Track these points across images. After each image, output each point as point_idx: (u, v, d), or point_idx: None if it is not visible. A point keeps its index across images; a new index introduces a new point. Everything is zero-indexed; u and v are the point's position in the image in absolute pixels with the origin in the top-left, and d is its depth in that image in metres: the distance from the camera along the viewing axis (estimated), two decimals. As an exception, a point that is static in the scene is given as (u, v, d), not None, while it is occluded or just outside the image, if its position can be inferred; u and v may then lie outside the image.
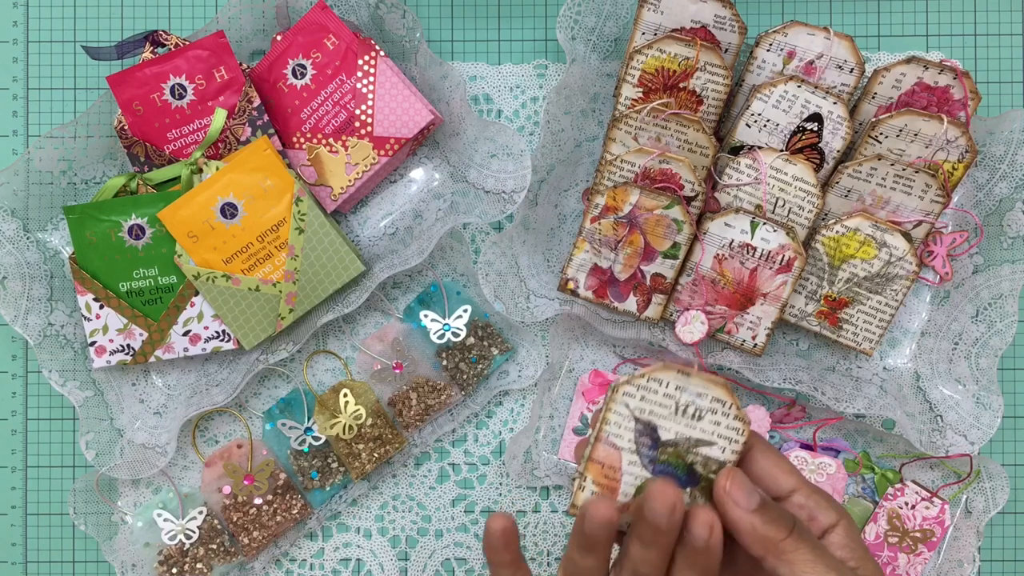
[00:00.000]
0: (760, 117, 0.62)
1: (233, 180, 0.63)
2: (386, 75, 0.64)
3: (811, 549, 0.40)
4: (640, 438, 0.43)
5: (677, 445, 0.43)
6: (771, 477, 0.43)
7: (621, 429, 0.43)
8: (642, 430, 0.43)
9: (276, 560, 0.68)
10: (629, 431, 0.43)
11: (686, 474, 0.43)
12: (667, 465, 0.43)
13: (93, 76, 0.69)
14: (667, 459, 0.43)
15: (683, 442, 0.43)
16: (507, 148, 0.63)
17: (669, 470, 0.43)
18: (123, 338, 0.65)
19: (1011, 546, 0.69)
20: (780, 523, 0.40)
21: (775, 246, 0.62)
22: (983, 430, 0.64)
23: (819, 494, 0.43)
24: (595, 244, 0.64)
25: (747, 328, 0.64)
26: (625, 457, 0.43)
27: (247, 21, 0.65)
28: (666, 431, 0.43)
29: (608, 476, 0.43)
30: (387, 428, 0.67)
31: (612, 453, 0.43)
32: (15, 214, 0.65)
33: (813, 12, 0.69)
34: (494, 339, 0.68)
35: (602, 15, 0.65)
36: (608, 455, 0.43)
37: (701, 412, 0.43)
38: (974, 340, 0.65)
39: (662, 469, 0.43)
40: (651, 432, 0.43)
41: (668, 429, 0.43)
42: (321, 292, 0.64)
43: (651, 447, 0.43)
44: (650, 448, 0.43)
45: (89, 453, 0.64)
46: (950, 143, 0.61)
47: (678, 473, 0.43)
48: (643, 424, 0.43)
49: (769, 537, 0.40)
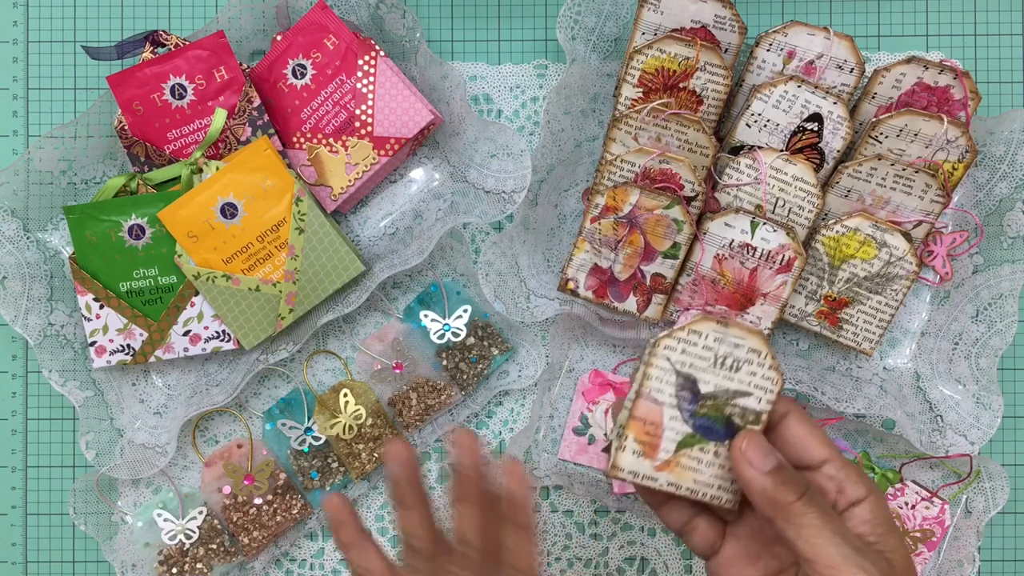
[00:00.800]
0: (760, 117, 0.62)
1: (233, 180, 0.63)
2: (386, 75, 0.64)
3: (820, 515, 0.40)
4: (681, 392, 0.44)
5: (716, 397, 0.43)
6: (803, 446, 0.43)
7: (663, 384, 0.44)
8: (683, 383, 0.44)
9: (276, 560, 0.68)
10: (671, 385, 0.44)
11: (724, 426, 0.44)
12: (706, 418, 0.44)
13: (93, 76, 0.69)
14: (707, 412, 0.44)
15: (722, 394, 0.43)
16: (507, 148, 0.63)
17: (708, 423, 0.44)
18: (123, 338, 0.65)
19: (1011, 546, 0.69)
20: (792, 486, 0.41)
21: (775, 246, 0.62)
22: (983, 430, 0.64)
23: (850, 468, 0.43)
24: (595, 244, 0.64)
25: (747, 328, 0.64)
26: (666, 412, 0.44)
27: (247, 21, 0.65)
28: (705, 383, 0.43)
29: (649, 433, 0.44)
30: (387, 428, 0.67)
31: (654, 409, 0.44)
32: (15, 214, 0.65)
33: (813, 12, 0.69)
34: (494, 339, 0.68)
35: (602, 15, 0.65)
36: (650, 411, 0.44)
37: (739, 363, 0.43)
38: (974, 340, 0.65)
39: (702, 423, 0.44)
40: (691, 385, 0.44)
41: (707, 382, 0.43)
42: (321, 292, 0.64)
43: (691, 401, 0.44)
44: (690, 402, 0.44)
45: (89, 453, 0.64)
46: (950, 143, 0.61)
47: (717, 426, 0.44)
48: (684, 377, 0.43)
49: (779, 499, 0.41)
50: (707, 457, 0.44)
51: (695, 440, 0.44)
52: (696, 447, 0.44)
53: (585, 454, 0.67)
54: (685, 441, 0.44)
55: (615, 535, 0.68)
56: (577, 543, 0.68)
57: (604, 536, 0.68)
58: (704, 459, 0.44)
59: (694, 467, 0.44)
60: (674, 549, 0.68)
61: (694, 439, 0.44)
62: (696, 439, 0.44)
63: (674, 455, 0.44)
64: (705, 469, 0.44)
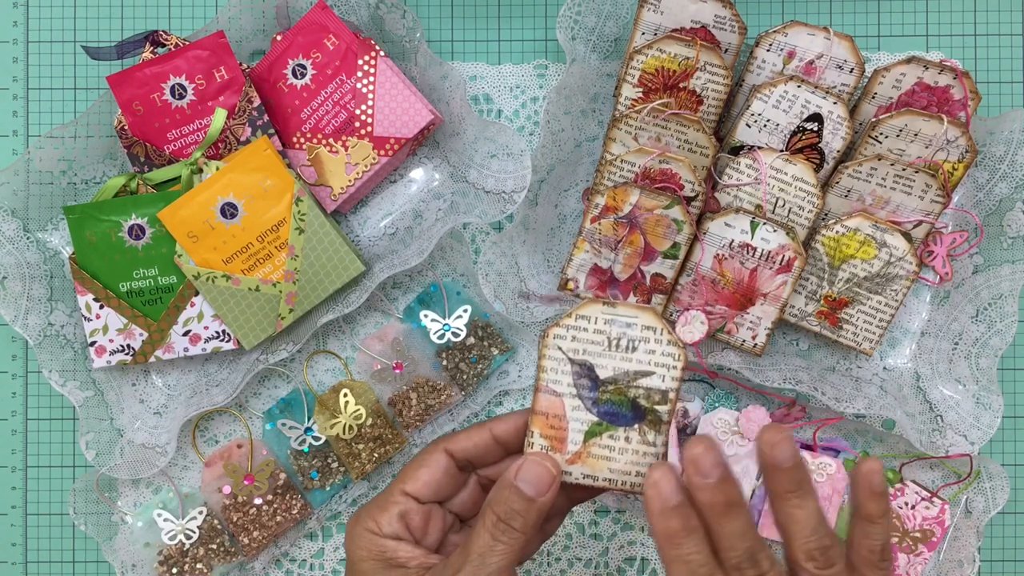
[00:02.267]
0: (760, 117, 0.62)
1: (233, 180, 0.63)
2: (386, 75, 0.64)
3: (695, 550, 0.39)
4: (579, 380, 0.43)
5: (617, 382, 0.42)
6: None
7: (558, 374, 0.42)
8: (579, 371, 0.42)
9: (276, 560, 0.68)
10: (567, 375, 0.42)
11: (630, 410, 0.42)
12: (610, 404, 0.42)
13: (93, 76, 0.69)
14: (609, 397, 0.42)
15: (622, 377, 0.42)
16: (507, 148, 0.63)
17: (613, 409, 0.42)
18: (123, 338, 0.65)
19: (1011, 546, 0.69)
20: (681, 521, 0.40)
21: (775, 246, 0.62)
22: (983, 430, 0.64)
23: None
24: (595, 244, 0.64)
25: (747, 328, 0.64)
26: (568, 403, 0.43)
27: (247, 21, 0.65)
28: (603, 368, 0.42)
29: (554, 426, 0.43)
30: (387, 428, 0.67)
31: (554, 401, 0.43)
32: (15, 214, 0.65)
33: (813, 12, 0.69)
34: (494, 339, 0.68)
35: (602, 15, 0.65)
36: (550, 404, 0.43)
37: (634, 342, 0.42)
38: (974, 340, 0.65)
39: (606, 409, 0.42)
40: (589, 372, 0.42)
41: (605, 366, 0.42)
42: (321, 292, 0.64)
43: (591, 388, 0.42)
44: (590, 389, 0.42)
45: (89, 453, 0.64)
46: (950, 143, 0.61)
47: (622, 410, 0.42)
48: (579, 365, 0.42)
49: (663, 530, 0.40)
50: (618, 444, 0.43)
51: (603, 428, 0.43)
52: (605, 435, 0.43)
53: (585, 454, 0.67)
54: (592, 430, 0.43)
55: (615, 535, 0.68)
56: (577, 543, 0.68)
57: (604, 536, 0.68)
58: (616, 446, 0.43)
59: (607, 455, 0.43)
60: (674, 549, 0.68)
61: (601, 427, 0.43)
62: (604, 427, 0.43)
63: (583, 446, 0.43)
64: (619, 456, 0.43)
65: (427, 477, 0.45)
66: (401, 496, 0.45)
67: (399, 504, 0.45)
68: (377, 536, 0.45)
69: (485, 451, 0.46)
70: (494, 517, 0.42)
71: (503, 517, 0.42)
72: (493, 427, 0.46)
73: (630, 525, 0.68)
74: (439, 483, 0.46)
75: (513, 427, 0.46)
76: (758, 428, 0.66)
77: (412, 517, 0.45)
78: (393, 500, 0.45)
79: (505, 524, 0.42)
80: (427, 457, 0.46)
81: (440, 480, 0.46)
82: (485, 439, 0.46)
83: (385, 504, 0.45)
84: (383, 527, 0.45)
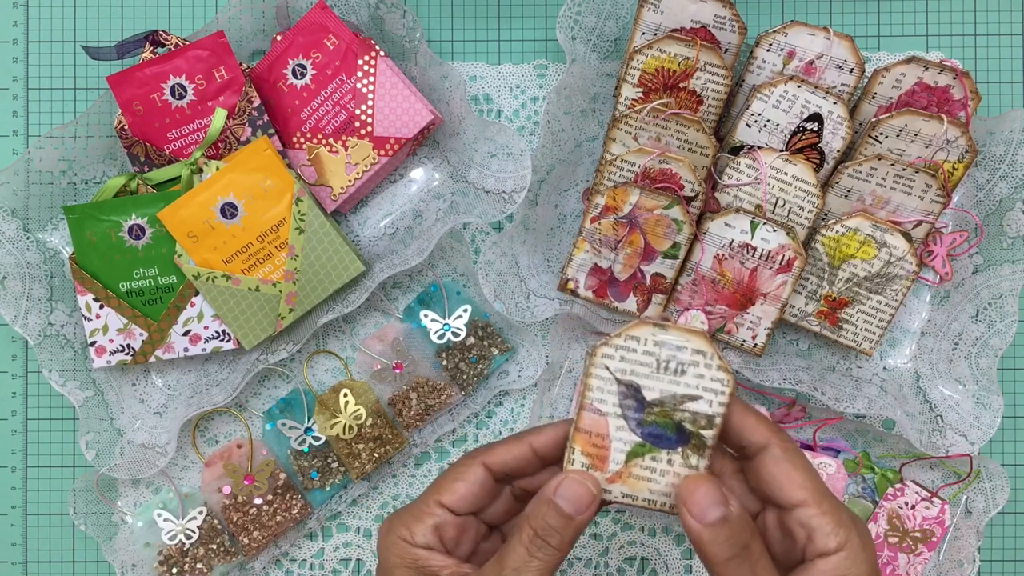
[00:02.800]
0: (760, 117, 0.62)
1: (233, 180, 0.63)
2: (386, 75, 0.64)
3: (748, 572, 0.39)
4: (625, 400, 0.42)
5: (663, 404, 0.42)
6: (777, 485, 0.42)
7: (604, 394, 0.42)
8: (626, 392, 0.42)
9: (276, 560, 0.68)
10: (613, 395, 0.42)
11: (675, 433, 0.42)
12: (655, 426, 0.42)
13: (93, 76, 0.69)
14: (654, 419, 0.42)
15: (669, 400, 0.42)
16: (507, 148, 0.63)
17: (658, 431, 0.42)
18: (123, 338, 0.65)
19: (1011, 546, 0.69)
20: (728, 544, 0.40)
21: (775, 246, 0.62)
22: (983, 430, 0.64)
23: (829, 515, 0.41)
24: (595, 244, 0.64)
25: (747, 328, 0.64)
26: (612, 423, 0.42)
27: (247, 21, 0.65)
28: (650, 390, 0.42)
29: (596, 445, 0.42)
30: (387, 428, 0.67)
31: (598, 420, 0.42)
32: (15, 214, 0.65)
33: (813, 12, 0.69)
34: (494, 339, 0.68)
35: (602, 15, 0.65)
36: (594, 423, 0.42)
37: (683, 366, 0.42)
38: (974, 340, 0.65)
39: (651, 431, 0.42)
40: (635, 393, 0.42)
41: (652, 388, 0.42)
42: (321, 292, 0.64)
43: (637, 409, 0.42)
44: (636, 410, 0.42)
45: (89, 453, 0.64)
46: (950, 143, 0.61)
47: (667, 433, 0.42)
48: (626, 385, 0.42)
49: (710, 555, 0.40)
50: (660, 466, 0.43)
51: (646, 449, 0.42)
52: (647, 456, 0.42)
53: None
54: (635, 451, 0.42)
55: (615, 535, 0.68)
56: (577, 543, 0.68)
57: (604, 536, 0.68)
58: (658, 468, 0.43)
59: (648, 476, 0.43)
60: (674, 549, 0.68)
61: (644, 448, 0.42)
62: (647, 448, 0.42)
63: (625, 466, 0.42)
64: (660, 478, 0.43)
65: (464, 491, 0.45)
66: (437, 508, 0.44)
67: (435, 516, 0.44)
68: (410, 545, 0.44)
69: (525, 464, 0.45)
70: (531, 532, 0.41)
71: (540, 533, 0.41)
72: (532, 440, 0.45)
73: (630, 525, 0.68)
74: (476, 496, 0.45)
75: (552, 440, 0.45)
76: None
77: (447, 529, 0.45)
78: (429, 511, 0.44)
79: (542, 540, 0.41)
80: (464, 470, 0.45)
81: (477, 494, 0.45)
82: (525, 452, 0.45)
83: (420, 514, 0.44)
84: (416, 537, 0.44)
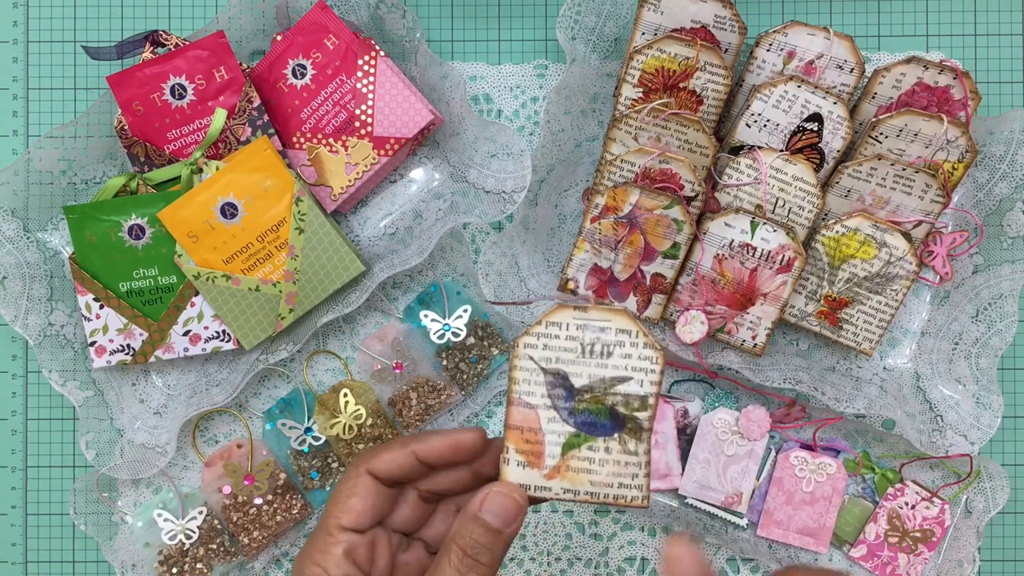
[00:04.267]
0: (760, 117, 0.62)
1: (233, 180, 0.63)
2: (386, 75, 0.64)
3: None
4: (553, 390, 0.41)
5: (593, 389, 0.40)
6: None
7: (531, 385, 0.41)
8: (553, 381, 0.41)
9: (276, 560, 0.68)
10: (540, 385, 0.41)
11: (609, 418, 0.40)
12: (587, 413, 0.41)
13: (93, 76, 0.69)
14: (586, 407, 0.41)
15: (598, 384, 0.40)
16: (507, 148, 0.63)
17: (591, 418, 0.41)
18: (123, 338, 0.65)
19: (1011, 546, 0.69)
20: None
21: (775, 246, 0.62)
22: (983, 430, 0.64)
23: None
24: (595, 244, 0.64)
25: (747, 328, 0.64)
26: (543, 415, 0.41)
27: (247, 21, 0.65)
28: (578, 376, 0.40)
29: (530, 440, 0.41)
30: (387, 428, 0.67)
31: (528, 414, 0.41)
32: (15, 214, 0.65)
33: (813, 12, 0.69)
34: (494, 339, 0.68)
35: (602, 15, 0.65)
36: (524, 417, 0.41)
37: (609, 347, 0.40)
38: (974, 340, 0.65)
39: (583, 419, 0.41)
40: (563, 381, 0.40)
41: (580, 374, 0.40)
42: (321, 292, 0.64)
43: (567, 398, 0.40)
44: (566, 399, 0.40)
45: (89, 453, 0.64)
46: (950, 143, 0.61)
47: (601, 419, 0.41)
48: (552, 374, 0.40)
49: None
50: (598, 455, 0.41)
51: (581, 439, 0.41)
52: (584, 446, 0.41)
53: (585, 454, 0.67)
54: (570, 442, 0.41)
55: (615, 535, 0.68)
56: (577, 543, 0.68)
57: (604, 536, 0.68)
58: (596, 457, 0.41)
59: (587, 468, 0.41)
60: (674, 549, 0.68)
61: (579, 438, 0.41)
62: (582, 438, 0.41)
63: (562, 459, 0.41)
64: (599, 468, 0.41)
65: (360, 506, 0.43)
66: (340, 533, 0.42)
67: (340, 542, 0.42)
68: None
69: (410, 472, 0.44)
70: (460, 553, 0.40)
71: (470, 552, 0.39)
72: (416, 448, 0.43)
73: (630, 525, 0.68)
74: (374, 508, 0.43)
75: (436, 451, 0.43)
76: (758, 428, 0.66)
77: (357, 552, 0.42)
78: (333, 539, 0.42)
79: (472, 560, 0.39)
80: (354, 485, 0.43)
81: (375, 505, 0.43)
82: (409, 461, 0.43)
83: (324, 545, 0.42)
84: (330, 570, 0.42)
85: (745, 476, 0.66)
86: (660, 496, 0.68)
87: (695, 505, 0.67)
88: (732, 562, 0.68)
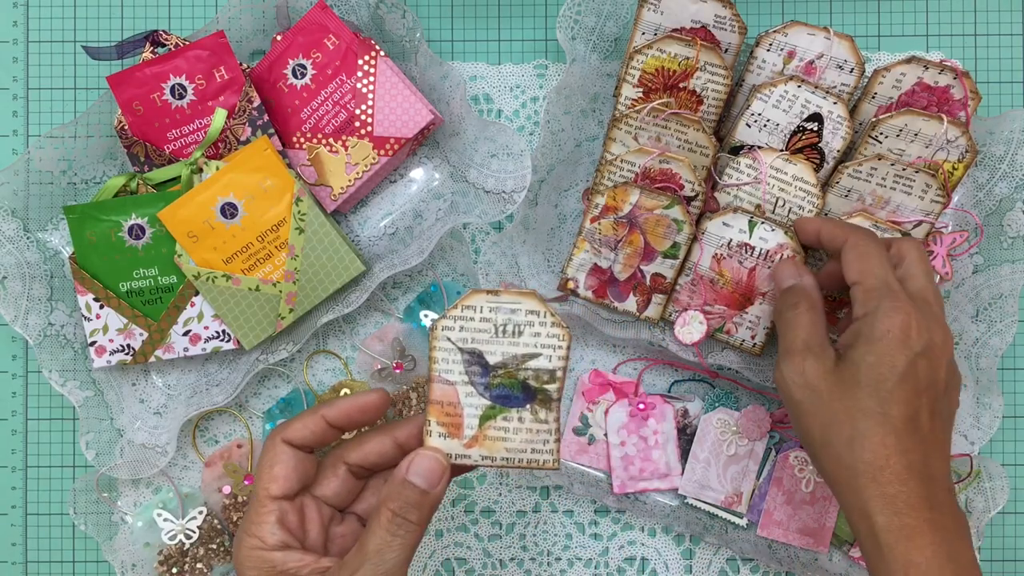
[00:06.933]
0: (760, 117, 0.62)
1: (233, 180, 0.63)
2: (386, 75, 0.64)
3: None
4: (470, 367, 0.45)
5: (506, 366, 0.45)
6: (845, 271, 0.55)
7: (450, 364, 0.45)
8: (470, 359, 0.45)
9: (276, 560, 0.68)
10: (458, 363, 0.45)
11: (521, 391, 0.45)
12: (502, 388, 0.45)
13: (93, 76, 0.69)
14: (500, 381, 0.45)
15: (511, 361, 0.45)
16: (507, 148, 0.63)
17: (505, 392, 0.45)
18: (123, 338, 0.65)
19: (1011, 546, 0.69)
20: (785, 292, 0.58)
21: (773, 245, 0.62)
22: (983, 430, 0.64)
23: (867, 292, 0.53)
24: (595, 244, 0.64)
25: (746, 328, 0.64)
26: (461, 390, 0.45)
27: (247, 21, 0.65)
28: (492, 354, 0.45)
29: (449, 413, 0.45)
30: (387, 428, 0.67)
31: (447, 390, 0.45)
32: (15, 214, 0.65)
33: (813, 12, 0.69)
34: (494, 339, 0.68)
35: (602, 15, 0.65)
36: (444, 393, 0.45)
37: (520, 327, 0.45)
38: (974, 340, 0.65)
39: (498, 392, 0.45)
40: (479, 359, 0.45)
41: (494, 352, 0.45)
42: (321, 292, 0.64)
43: (482, 374, 0.45)
44: (482, 375, 0.45)
45: (89, 453, 0.64)
46: (950, 143, 0.61)
47: (514, 392, 0.45)
48: (469, 353, 0.45)
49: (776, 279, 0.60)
50: (512, 424, 0.45)
51: (496, 411, 0.45)
52: (499, 417, 0.45)
53: (585, 454, 0.67)
54: (487, 414, 0.45)
55: (615, 535, 0.68)
56: (577, 543, 0.68)
57: (604, 536, 0.68)
58: (510, 427, 0.45)
59: (503, 436, 0.45)
60: (674, 549, 0.68)
61: (495, 410, 0.45)
62: (497, 409, 0.45)
63: (480, 430, 0.45)
64: (514, 436, 0.45)
65: (284, 472, 0.46)
66: (270, 501, 0.46)
67: (272, 511, 0.46)
68: (264, 551, 0.45)
69: (322, 435, 0.47)
70: (389, 513, 0.43)
71: (399, 512, 0.43)
72: (325, 412, 0.47)
73: (630, 525, 0.68)
74: (298, 471, 0.47)
75: (343, 413, 0.47)
76: (758, 428, 0.66)
77: (289, 518, 0.46)
78: (265, 509, 0.46)
79: (402, 518, 0.43)
80: (274, 455, 0.47)
81: (298, 467, 0.47)
82: (320, 425, 0.47)
83: (258, 516, 0.46)
84: (267, 539, 0.45)
85: (745, 476, 0.66)
86: (660, 496, 0.68)
87: (695, 505, 0.67)
88: (732, 562, 0.68)
